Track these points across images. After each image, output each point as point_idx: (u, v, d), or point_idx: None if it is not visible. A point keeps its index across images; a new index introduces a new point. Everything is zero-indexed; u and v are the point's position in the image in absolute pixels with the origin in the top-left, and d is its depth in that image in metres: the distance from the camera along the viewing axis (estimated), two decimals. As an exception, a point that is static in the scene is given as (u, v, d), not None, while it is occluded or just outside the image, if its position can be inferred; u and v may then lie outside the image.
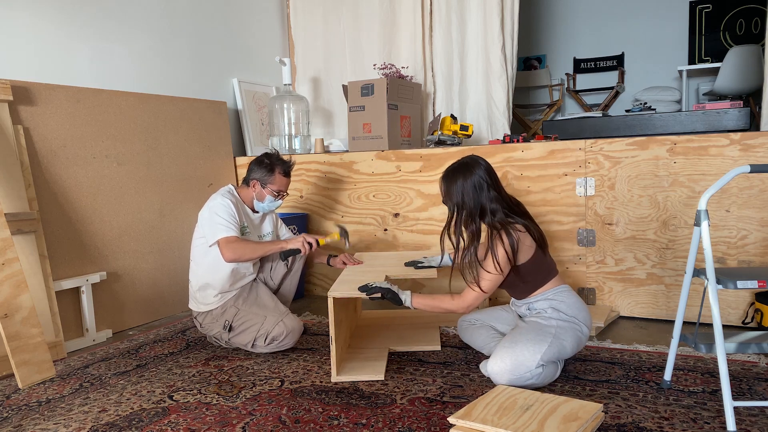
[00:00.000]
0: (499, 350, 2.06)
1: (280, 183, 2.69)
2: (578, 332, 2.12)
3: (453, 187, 2.16)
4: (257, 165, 2.70)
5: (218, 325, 2.62)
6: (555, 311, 2.13)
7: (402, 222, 3.41)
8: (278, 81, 4.25)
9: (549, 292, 2.18)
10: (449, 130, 3.41)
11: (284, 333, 2.50)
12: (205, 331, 2.70)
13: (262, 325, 2.53)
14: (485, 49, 3.75)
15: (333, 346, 2.17)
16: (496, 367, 2.02)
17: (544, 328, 2.09)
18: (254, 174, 2.69)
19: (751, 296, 2.66)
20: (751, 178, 2.61)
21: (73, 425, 1.91)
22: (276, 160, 2.70)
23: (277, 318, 2.53)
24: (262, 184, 2.68)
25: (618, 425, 1.76)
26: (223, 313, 2.61)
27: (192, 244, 2.68)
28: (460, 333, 2.51)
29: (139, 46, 3.36)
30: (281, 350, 2.56)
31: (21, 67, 2.76)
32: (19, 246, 2.50)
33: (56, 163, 2.81)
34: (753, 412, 1.81)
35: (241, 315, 2.59)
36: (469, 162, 2.18)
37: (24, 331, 2.33)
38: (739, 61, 4.58)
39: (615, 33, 6.22)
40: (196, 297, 2.68)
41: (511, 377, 1.99)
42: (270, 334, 2.50)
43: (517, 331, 2.14)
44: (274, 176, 2.67)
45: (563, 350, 2.09)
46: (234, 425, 1.86)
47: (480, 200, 2.13)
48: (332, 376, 2.19)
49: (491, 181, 2.16)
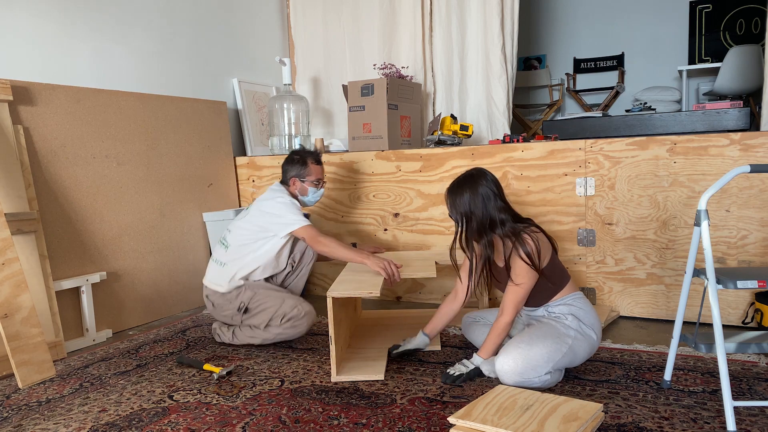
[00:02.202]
0: (512, 349, 2.02)
1: (316, 172, 2.81)
2: (593, 344, 2.12)
3: (460, 199, 2.14)
4: (289, 164, 2.81)
5: (232, 306, 2.66)
6: (575, 319, 2.10)
7: (402, 222, 3.41)
8: (278, 81, 4.25)
9: (567, 297, 2.17)
10: (449, 130, 3.41)
11: (303, 313, 2.58)
12: (215, 312, 2.73)
13: (280, 306, 2.59)
14: (485, 49, 3.75)
15: (333, 346, 2.17)
16: (507, 366, 1.99)
17: (563, 337, 2.06)
18: (290, 173, 2.80)
19: (751, 296, 2.66)
20: (751, 178, 2.61)
21: (73, 425, 1.91)
22: (304, 153, 2.82)
23: (296, 302, 2.61)
24: (300, 179, 2.78)
25: (618, 425, 1.76)
26: (239, 295, 2.66)
27: (237, 232, 2.71)
28: (464, 328, 2.51)
29: (139, 46, 3.36)
30: (288, 338, 2.63)
31: (21, 67, 2.76)
32: (19, 246, 2.51)
33: (56, 163, 2.81)
34: (753, 412, 1.81)
35: (258, 298, 2.64)
36: (475, 174, 2.17)
37: (24, 331, 2.33)
38: (739, 61, 4.58)
39: (615, 33, 6.22)
40: (217, 277, 2.70)
41: (519, 379, 1.98)
42: (288, 315, 2.57)
43: (534, 332, 2.08)
44: (308, 167, 2.79)
45: (575, 360, 2.09)
46: (234, 425, 1.86)
47: (489, 211, 2.12)
48: (332, 376, 2.19)
49: (498, 191, 2.16)
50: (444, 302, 2.43)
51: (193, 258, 3.50)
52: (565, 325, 2.10)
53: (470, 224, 2.14)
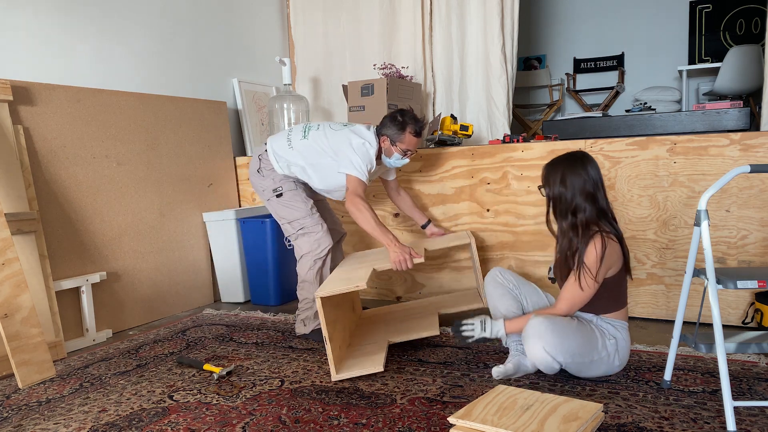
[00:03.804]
0: (555, 324, 1.99)
1: (409, 142, 2.68)
2: (609, 371, 2.11)
3: (553, 176, 2.10)
4: (391, 121, 2.68)
5: (271, 182, 2.73)
6: (614, 345, 2.07)
7: (402, 222, 3.41)
8: (278, 81, 4.25)
9: (617, 322, 2.11)
10: (449, 130, 3.41)
11: (327, 244, 2.68)
12: (257, 177, 2.77)
13: (305, 219, 2.67)
14: (485, 49, 3.75)
15: (328, 346, 2.17)
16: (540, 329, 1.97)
17: (595, 350, 2.03)
18: (386, 130, 2.68)
19: (751, 296, 2.66)
20: (751, 178, 2.61)
21: (73, 425, 1.91)
22: (409, 119, 2.67)
23: (320, 227, 2.69)
24: (391, 141, 2.68)
25: (618, 425, 1.76)
26: (281, 180, 2.72)
27: (318, 136, 2.70)
28: (488, 283, 2.38)
29: (139, 46, 3.36)
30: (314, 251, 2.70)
31: (21, 67, 2.76)
32: (19, 246, 2.51)
33: (56, 163, 2.81)
34: (753, 412, 1.81)
35: (294, 197, 2.71)
36: (577, 156, 2.11)
37: (24, 331, 2.33)
38: (739, 61, 4.58)
39: (615, 33, 6.22)
40: (282, 150, 2.73)
41: (542, 351, 1.96)
42: (307, 228, 2.67)
43: (579, 327, 2.05)
44: (404, 135, 2.66)
45: (583, 372, 2.08)
46: (234, 425, 1.86)
47: (575, 197, 2.05)
48: (332, 376, 2.19)
49: (594, 180, 2.08)
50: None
51: (193, 258, 3.50)
52: (604, 343, 2.07)
53: (558, 204, 2.10)
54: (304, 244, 2.70)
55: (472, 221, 3.23)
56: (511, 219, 3.12)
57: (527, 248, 3.10)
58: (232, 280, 3.58)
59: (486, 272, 2.80)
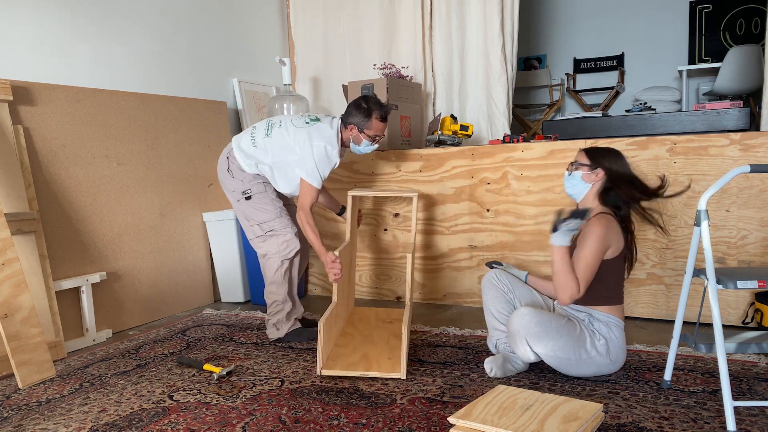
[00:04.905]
0: (545, 317, 2.08)
1: (376, 128, 2.69)
2: (601, 371, 2.12)
3: (603, 159, 2.17)
4: (356, 109, 2.68)
5: (240, 184, 2.71)
6: (605, 346, 2.08)
7: (402, 222, 3.41)
8: (278, 81, 4.25)
9: (612, 318, 2.13)
10: (449, 130, 3.41)
11: (295, 246, 2.69)
12: (227, 177, 2.74)
13: (274, 221, 2.66)
14: (485, 49, 3.75)
15: (321, 337, 2.21)
16: (527, 319, 2.07)
17: (582, 348, 2.06)
18: (352, 118, 2.68)
19: (751, 296, 2.66)
20: (751, 178, 2.61)
21: (73, 425, 1.91)
22: (374, 105, 2.68)
23: (290, 230, 2.69)
24: (359, 129, 2.68)
25: (618, 425, 1.76)
26: (250, 181, 2.70)
27: (281, 134, 2.68)
28: (484, 285, 2.41)
29: (139, 46, 3.36)
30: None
31: (21, 67, 2.76)
32: (19, 246, 2.50)
33: (56, 163, 2.81)
34: (753, 412, 1.81)
35: (263, 199, 2.70)
36: (616, 151, 2.21)
37: (24, 331, 2.33)
38: (739, 61, 4.58)
39: (615, 33, 6.22)
40: (249, 148, 2.71)
41: (524, 335, 2.06)
42: (277, 230, 2.67)
43: (566, 325, 2.09)
44: (371, 121, 2.66)
45: (564, 368, 2.10)
46: (234, 425, 1.86)
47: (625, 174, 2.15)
48: (317, 369, 2.23)
49: (626, 176, 2.17)
50: None
51: (193, 258, 3.50)
52: (593, 343, 2.08)
53: (612, 177, 2.15)
54: (271, 245, 2.69)
55: (472, 221, 3.23)
56: (511, 219, 3.12)
57: (527, 248, 3.10)
58: (232, 280, 3.58)
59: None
